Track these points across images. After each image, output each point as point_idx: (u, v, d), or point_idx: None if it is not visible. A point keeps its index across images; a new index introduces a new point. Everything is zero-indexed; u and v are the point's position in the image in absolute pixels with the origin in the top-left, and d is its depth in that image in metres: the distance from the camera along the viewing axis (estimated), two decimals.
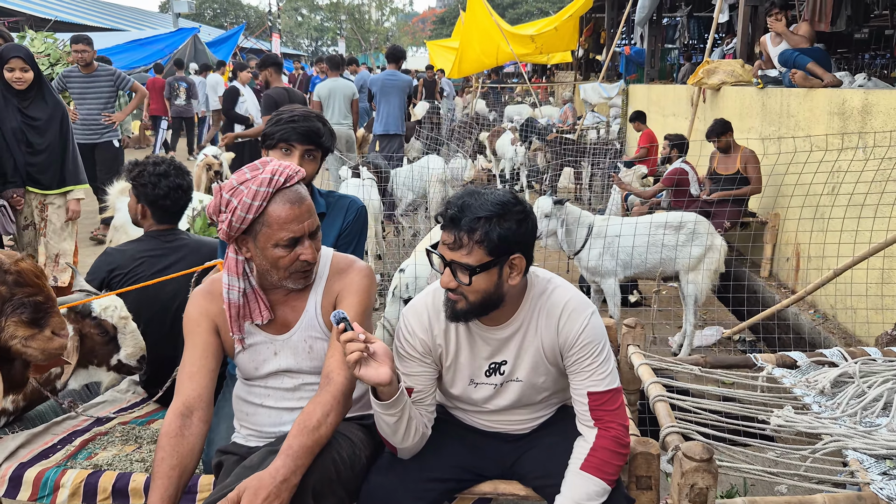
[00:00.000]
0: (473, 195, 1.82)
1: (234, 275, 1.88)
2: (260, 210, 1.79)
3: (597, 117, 13.65)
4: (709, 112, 7.97)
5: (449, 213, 1.80)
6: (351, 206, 2.56)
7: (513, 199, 1.84)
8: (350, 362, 1.72)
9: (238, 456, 1.97)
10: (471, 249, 1.79)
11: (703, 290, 4.51)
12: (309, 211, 1.84)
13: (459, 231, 1.79)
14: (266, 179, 1.79)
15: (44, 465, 2.27)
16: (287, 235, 1.80)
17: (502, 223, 1.79)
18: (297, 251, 1.83)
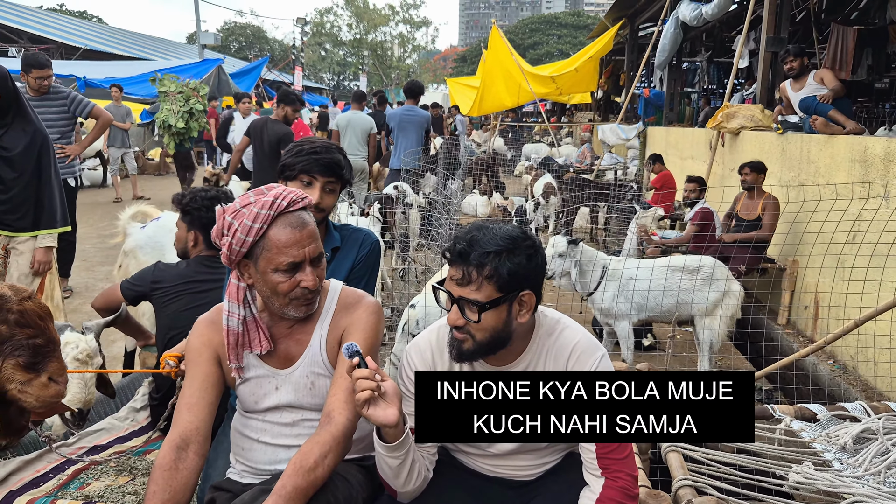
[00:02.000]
0: (482, 230, 1.77)
1: (235, 301, 1.84)
2: (260, 233, 1.75)
3: (614, 158, 13.64)
4: (727, 156, 7.92)
5: (457, 247, 1.75)
6: (365, 240, 2.52)
7: (522, 234, 1.79)
8: (360, 401, 1.65)
9: (231, 493, 1.90)
10: (480, 285, 1.73)
11: (718, 336, 4.41)
12: (311, 236, 1.79)
13: (468, 266, 1.73)
14: (268, 203, 1.76)
15: (34, 493, 2.21)
16: (286, 260, 1.75)
17: (512, 258, 1.73)
18: (298, 277, 1.78)
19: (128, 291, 2.88)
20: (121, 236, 4.35)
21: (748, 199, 6.01)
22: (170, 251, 4.09)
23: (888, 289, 4.09)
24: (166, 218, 4.27)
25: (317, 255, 1.81)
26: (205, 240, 2.98)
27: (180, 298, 2.83)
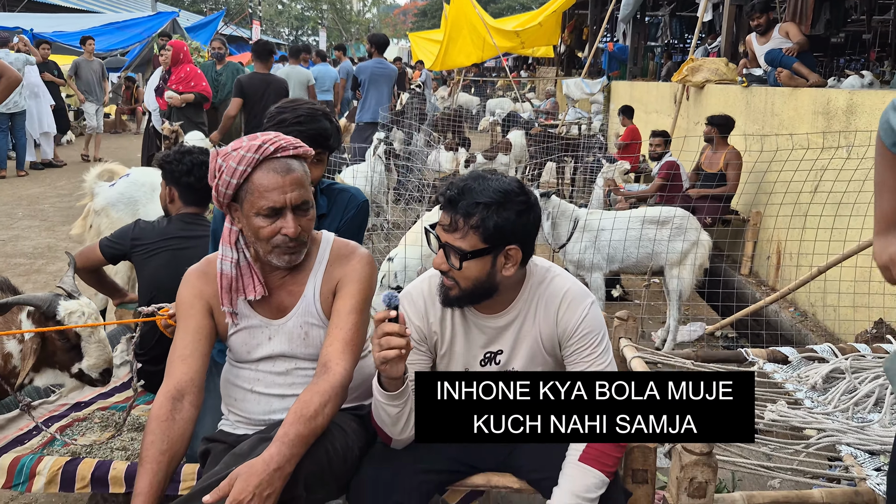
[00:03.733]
0: (478, 179, 1.77)
1: (228, 245, 1.84)
2: (244, 176, 1.75)
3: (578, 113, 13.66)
4: (692, 110, 8.01)
5: (448, 193, 1.76)
6: (351, 202, 2.47)
7: (517, 189, 1.79)
8: (386, 357, 1.65)
9: (226, 444, 1.90)
10: (465, 234, 1.75)
11: (687, 286, 4.52)
12: (295, 183, 1.78)
13: (456, 214, 1.74)
14: (255, 146, 1.75)
15: (19, 451, 2.20)
16: (267, 204, 1.75)
17: (500, 212, 1.74)
18: (279, 224, 1.78)
19: (107, 250, 2.82)
20: (88, 197, 4.22)
21: (711, 151, 6.11)
22: (143, 206, 4.00)
23: (851, 238, 4.23)
24: (136, 173, 4.16)
25: (300, 202, 1.79)
26: (181, 196, 2.92)
27: (160, 255, 2.79)
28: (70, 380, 2.30)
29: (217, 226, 2.47)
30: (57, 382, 2.36)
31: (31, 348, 2.17)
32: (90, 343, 2.26)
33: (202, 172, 2.86)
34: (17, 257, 6.27)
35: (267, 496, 1.57)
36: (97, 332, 2.28)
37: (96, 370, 2.29)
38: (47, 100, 10.96)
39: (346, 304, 1.86)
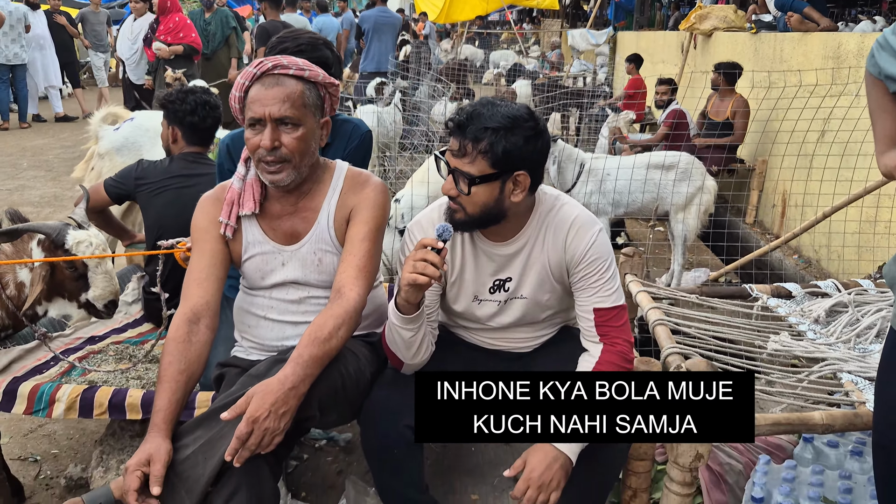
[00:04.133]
0: (487, 105, 1.77)
1: (242, 162, 1.92)
2: (244, 89, 1.82)
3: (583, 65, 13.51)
4: (700, 59, 7.91)
5: (458, 119, 1.76)
6: (354, 132, 2.47)
7: (526, 115, 1.79)
8: (418, 280, 1.68)
9: (240, 368, 1.95)
10: (474, 159, 1.75)
11: (692, 230, 4.53)
12: (277, 97, 1.78)
13: (465, 139, 1.75)
14: (258, 62, 1.81)
15: (38, 379, 2.25)
16: (250, 114, 1.80)
17: (509, 137, 1.74)
18: (257, 138, 1.80)
19: (112, 190, 2.84)
20: (92, 140, 4.20)
21: (718, 99, 6.07)
22: (147, 151, 3.98)
23: (857, 185, 4.22)
24: (141, 117, 4.13)
25: (280, 116, 1.79)
26: (184, 135, 2.92)
27: (165, 194, 2.80)
28: (77, 311, 2.34)
29: (222, 160, 2.48)
30: (66, 313, 2.40)
31: (40, 275, 2.21)
32: (97, 273, 2.30)
33: (205, 112, 2.88)
34: (24, 206, 6.29)
35: (282, 414, 1.62)
36: (104, 264, 2.31)
37: (102, 301, 2.33)
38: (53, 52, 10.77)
39: (360, 230, 1.88)
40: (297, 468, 2.66)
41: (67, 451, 2.76)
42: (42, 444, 2.80)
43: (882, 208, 4.16)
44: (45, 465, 2.68)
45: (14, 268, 2.24)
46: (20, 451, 2.75)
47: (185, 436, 1.70)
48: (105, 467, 2.33)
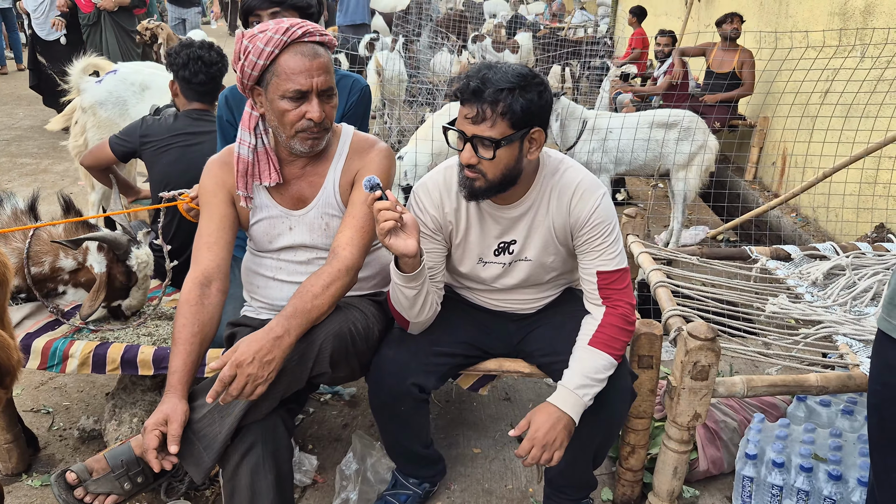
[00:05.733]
0: (492, 69, 1.77)
1: (247, 130, 1.86)
2: (271, 57, 1.76)
3: (585, 16, 13.29)
4: (703, 11, 7.81)
5: (471, 85, 1.75)
6: (354, 86, 2.47)
7: (531, 72, 1.80)
8: (383, 230, 1.71)
9: (251, 328, 1.98)
10: (494, 122, 1.76)
11: (692, 189, 4.55)
12: (321, 68, 1.79)
13: (482, 104, 1.75)
14: (283, 28, 1.76)
15: (51, 335, 2.28)
16: (294, 87, 1.76)
17: (525, 94, 1.75)
18: (304, 108, 1.79)
19: (117, 147, 2.84)
20: (74, 92, 4.09)
21: (722, 51, 6.01)
22: (133, 107, 3.91)
23: (859, 142, 4.23)
24: (125, 69, 4.03)
25: (326, 88, 1.80)
26: (181, 91, 2.91)
27: (170, 151, 2.81)
28: (102, 309, 2.40)
29: (221, 112, 2.48)
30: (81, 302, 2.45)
31: (103, 282, 2.29)
32: (140, 289, 2.39)
33: (197, 67, 2.85)
34: (23, 157, 6.26)
35: (267, 361, 1.64)
36: (148, 282, 2.41)
37: (130, 310, 2.43)
38: None
39: (362, 193, 1.90)
40: (303, 421, 2.73)
41: (79, 404, 2.83)
42: (54, 397, 2.86)
43: (882, 170, 4.18)
44: (57, 417, 2.74)
45: (58, 253, 2.31)
46: (32, 403, 2.81)
47: (200, 395, 1.75)
48: (118, 420, 2.39)
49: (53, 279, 2.35)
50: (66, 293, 2.41)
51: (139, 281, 2.40)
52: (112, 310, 2.43)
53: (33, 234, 2.31)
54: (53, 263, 2.34)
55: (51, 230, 2.36)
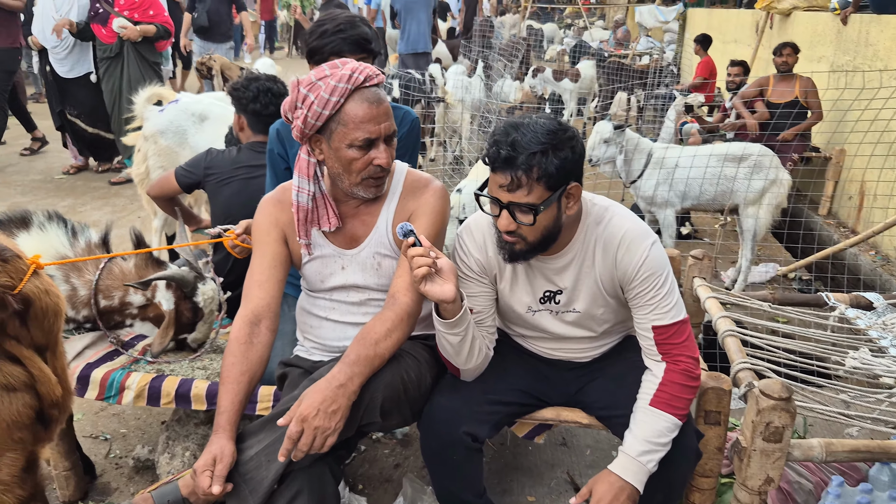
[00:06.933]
0: (519, 129, 1.70)
1: (305, 177, 1.83)
2: (337, 107, 1.73)
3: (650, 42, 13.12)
4: (775, 39, 7.57)
5: (502, 154, 1.68)
6: (405, 117, 2.45)
7: (560, 126, 1.73)
8: (417, 277, 1.69)
9: (302, 369, 1.96)
10: (531, 188, 1.70)
11: (763, 226, 4.36)
12: (387, 113, 1.77)
13: (516, 171, 1.68)
14: (346, 76, 1.72)
15: (109, 366, 2.31)
16: (362, 136, 1.73)
17: (558, 153, 1.69)
18: (371, 154, 1.77)
19: (182, 179, 2.89)
20: (138, 121, 4.19)
21: (780, 82, 5.83)
22: (192, 136, 3.99)
23: None
24: (186, 100, 4.11)
25: (391, 132, 1.78)
26: (249, 123, 2.95)
27: (232, 183, 2.84)
28: (170, 342, 2.42)
29: (272, 145, 2.49)
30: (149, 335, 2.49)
31: (171, 319, 2.33)
32: (205, 324, 2.42)
33: (268, 99, 2.88)
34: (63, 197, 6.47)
35: (332, 412, 1.62)
36: (213, 315, 2.44)
37: (195, 343, 2.45)
38: None
39: None
40: (354, 459, 2.68)
41: (135, 432, 2.85)
42: (112, 423, 2.90)
43: None
44: (114, 444, 2.77)
45: (129, 289, 2.36)
46: (91, 429, 2.85)
47: (249, 437, 1.73)
48: (171, 453, 2.40)
49: (122, 312, 2.39)
50: (134, 326, 2.45)
51: (205, 315, 2.42)
52: (179, 342, 2.45)
53: (104, 267, 2.36)
54: (123, 298, 2.38)
55: (122, 265, 2.40)
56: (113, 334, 2.41)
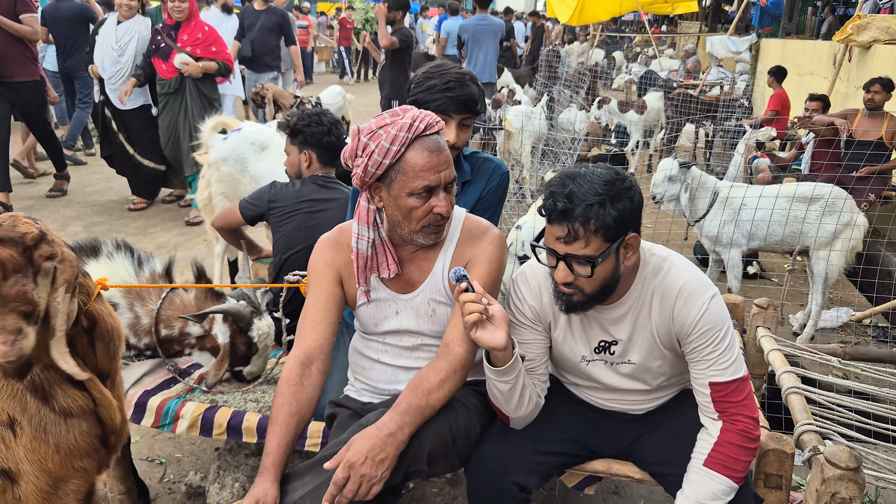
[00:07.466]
0: (576, 180, 1.67)
1: (365, 224, 1.83)
2: (397, 156, 1.73)
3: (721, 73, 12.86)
4: (854, 73, 7.32)
5: (558, 206, 1.66)
6: (495, 171, 2.42)
7: (617, 176, 1.69)
8: (468, 323, 1.68)
9: (351, 410, 1.96)
10: (588, 241, 1.66)
11: (835, 270, 4.17)
12: (447, 161, 1.76)
13: (573, 223, 1.65)
14: (406, 125, 1.72)
15: (166, 394, 2.36)
16: (423, 184, 1.73)
17: (616, 205, 1.65)
18: (432, 202, 1.76)
19: (246, 211, 2.95)
20: (203, 149, 4.29)
21: (868, 119, 5.57)
22: (252, 164, 4.09)
23: None
24: (248, 128, 4.20)
25: (451, 180, 1.78)
26: (319, 158, 2.99)
27: (295, 218, 2.88)
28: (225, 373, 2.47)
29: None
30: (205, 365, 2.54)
31: (226, 352, 2.39)
32: (260, 357, 2.47)
33: (339, 130, 2.94)
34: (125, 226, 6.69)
35: (380, 460, 1.61)
36: (268, 350, 2.49)
37: (251, 375, 2.50)
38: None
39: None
40: (403, 497, 2.66)
41: (189, 457, 2.91)
42: (167, 448, 2.96)
43: None
44: (168, 469, 2.82)
45: (188, 322, 2.42)
46: (148, 452, 2.92)
47: (294, 479, 1.73)
48: (221, 484, 2.43)
49: (181, 342, 2.45)
50: (192, 355, 2.51)
51: (260, 350, 2.46)
52: (234, 373, 2.50)
53: (166, 297, 2.42)
54: (182, 328, 2.44)
55: (182, 296, 2.46)
56: (171, 362, 2.47)
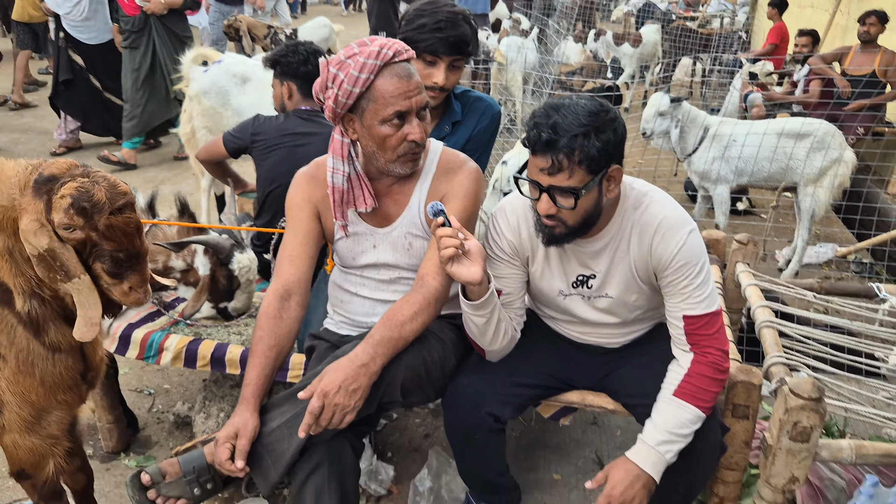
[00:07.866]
0: (560, 111, 1.65)
1: (340, 158, 1.82)
2: (367, 84, 1.71)
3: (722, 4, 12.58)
4: (854, 5, 7.16)
5: (543, 137, 1.64)
6: (486, 111, 2.38)
7: (601, 107, 1.68)
8: (444, 257, 1.69)
9: (329, 343, 1.99)
10: (572, 171, 1.66)
11: (821, 205, 4.17)
12: (418, 87, 1.75)
13: (557, 154, 1.64)
14: (374, 52, 1.70)
15: (150, 327, 2.39)
16: (394, 110, 1.72)
17: (600, 135, 1.64)
18: (405, 130, 1.75)
19: (230, 144, 2.92)
20: (185, 81, 4.20)
21: (861, 53, 5.50)
22: (234, 97, 4.01)
23: None
24: (229, 60, 4.11)
25: (423, 105, 1.76)
26: (299, 89, 2.93)
27: (278, 151, 2.85)
28: (210, 310, 2.50)
29: None
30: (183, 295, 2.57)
31: (205, 284, 2.40)
32: (243, 292, 2.47)
33: (317, 60, 2.87)
34: None
35: (353, 390, 1.64)
36: (252, 286, 2.49)
37: (236, 312, 2.51)
38: None
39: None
40: (385, 427, 2.73)
41: (177, 388, 2.97)
42: (156, 379, 3.02)
43: None
44: (157, 399, 2.89)
45: (170, 254, 2.43)
46: (136, 383, 2.98)
47: (272, 409, 1.77)
48: (206, 413, 2.48)
49: (164, 276, 2.46)
50: (178, 290, 2.53)
51: (242, 285, 2.47)
52: (220, 310, 2.52)
53: (148, 231, 2.42)
54: (166, 262, 2.46)
55: (165, 230, 2.47)
56: (155, 296, 2.49)
